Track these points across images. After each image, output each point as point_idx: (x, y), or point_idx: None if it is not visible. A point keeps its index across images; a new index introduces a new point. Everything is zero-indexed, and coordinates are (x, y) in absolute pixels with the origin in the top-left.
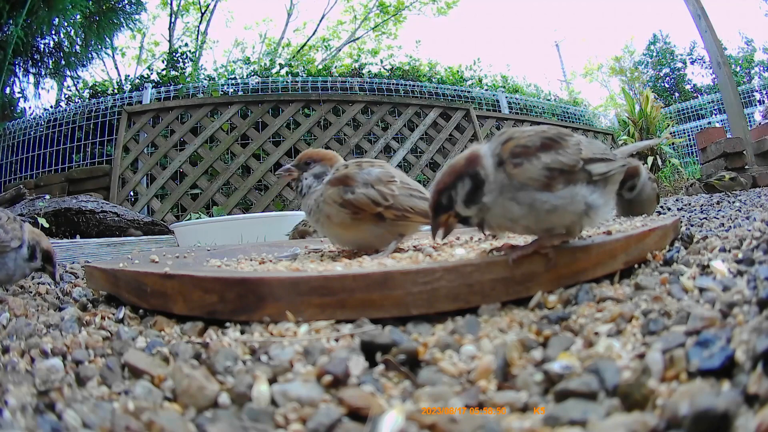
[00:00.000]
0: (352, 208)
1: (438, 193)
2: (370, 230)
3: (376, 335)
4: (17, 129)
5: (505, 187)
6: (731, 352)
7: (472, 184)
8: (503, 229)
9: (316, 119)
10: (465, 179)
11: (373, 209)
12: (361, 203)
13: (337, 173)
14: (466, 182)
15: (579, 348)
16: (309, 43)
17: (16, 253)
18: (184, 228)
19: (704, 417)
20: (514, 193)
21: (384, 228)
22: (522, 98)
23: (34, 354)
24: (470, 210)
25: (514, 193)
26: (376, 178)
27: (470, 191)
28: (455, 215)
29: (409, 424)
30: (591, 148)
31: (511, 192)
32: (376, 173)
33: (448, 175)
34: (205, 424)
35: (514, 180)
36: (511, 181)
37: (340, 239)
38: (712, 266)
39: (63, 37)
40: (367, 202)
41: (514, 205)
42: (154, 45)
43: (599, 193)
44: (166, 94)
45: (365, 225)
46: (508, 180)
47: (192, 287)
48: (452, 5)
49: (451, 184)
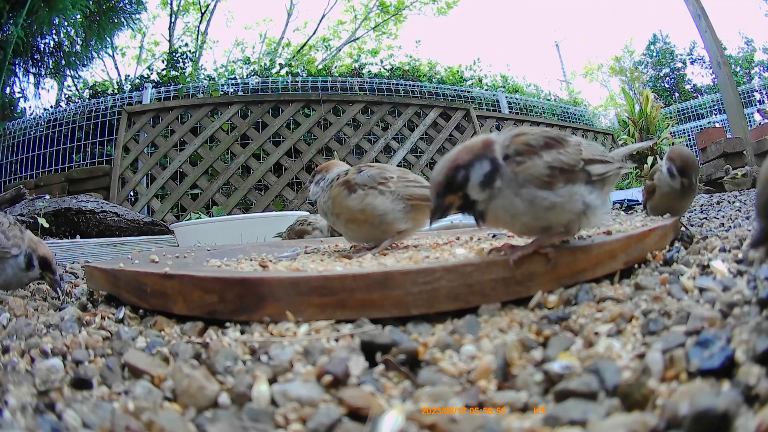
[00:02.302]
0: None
1: (454, 169)
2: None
3: (376, 335)
4: (17, 129)
5: (510, 181)
6: (731, 352)
7: (491, 167)
8: (501, 223)
9: (316, 119)
10: (484, 161)
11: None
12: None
13: (338, 179)
14: (485, 164)
15: (579, 348)
16: (309, 43)
17: (15, 260)
18: (184, 228)
19: (704, 417)
20: (517, 188)
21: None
22: (522, 98)
23: (34, 354)
24: (483, 193)
25: (517, 189)
26: (370, 177)
27: (488, 174)
28: (461, 197)
29: (409, 424)
30: (590, 149)
31: (514, 187)
32: (372, 173)
33: (466, 153)
34: (205, 424)
35: (518, 176)
36: (515, 176)
37: (351, 235)
38: (712, 266)
39: (63, 37)
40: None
41: (517, 200)
42: (154, 45)
43: (597, 194)
44: (166, 94)
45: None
46: (513, 175)
47: (192, 287)
48: (452, 5)
49: (470, 163)
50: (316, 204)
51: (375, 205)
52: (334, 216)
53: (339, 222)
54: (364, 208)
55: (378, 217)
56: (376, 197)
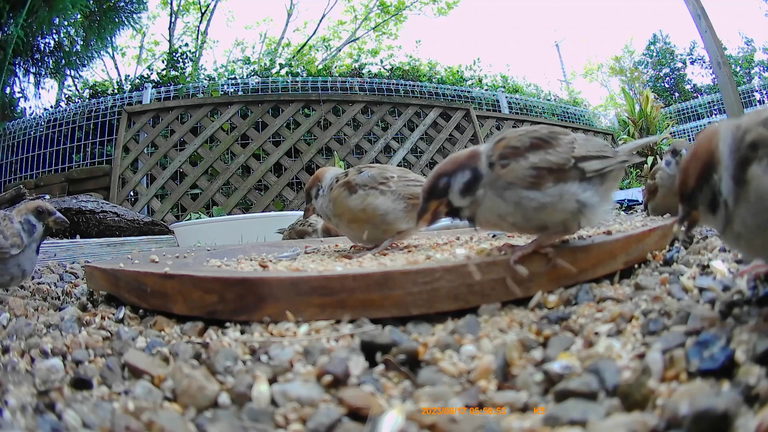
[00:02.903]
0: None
1: (437, 177)
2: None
3: (376, 335)
4: (17, 129)
5: (495, 184)
6: (731, 352)
7: (471, 176)
8: (492, 225)
9: (316, 119)
10: (466, 170)
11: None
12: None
13: (338, 181)
14: (466, 173)
15: (579, 348)
16: (309, 43)
17: (23, 253)
18: (184, 228)
19: (704, 417)
20: (502, 191)
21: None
22: (522, 98)
23: (34, 354)
24: (464, 200)
25: (501, 192)
26: (371, 177)
27: (468, 182)
28: (447, 204)
29: (409, 424)
30: (586, 145)
31: (499, 191)
32: (373, 173)
33: (450, 164)
34: (205, 424)
35: (501, 180)
36: (498, 180)
37: (352, 235)
38: (712, 266)
39: (63, 37)
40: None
41: (502, 203)
42: (154, 45)
43: (594, 191)
44: (166, 94)
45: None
46: (497, 179)
47: (192, 287)
48: (453, 5)
49: (451, 172)
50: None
51: (376, 204)
52: (336, 218)
53: (341, 223)
54: (365, 208)
55: (379, 216)
56: (377, 197)
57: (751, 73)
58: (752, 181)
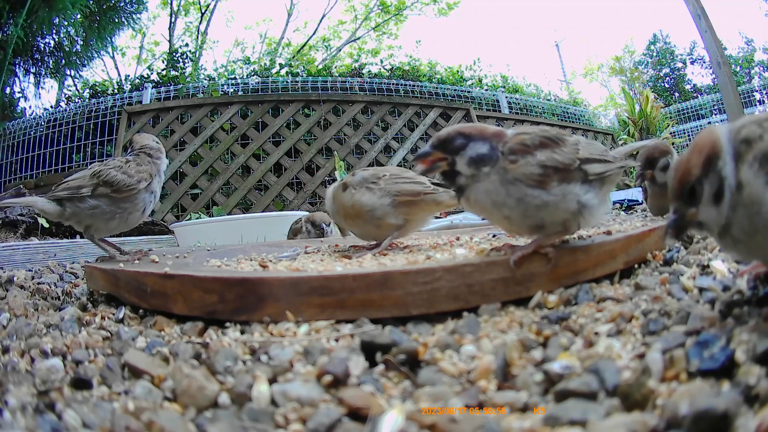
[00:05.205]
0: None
1: (457, 133)
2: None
3: (376, 335)
4: (17, 129)
5: (500, 173)
6: (731, 352)
7: (487, 152)
8: (480, 208)
9: (316, 119)
10: (486, 143)
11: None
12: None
13: (338, 183)
14: (485, 146)
15: (579, 348)
16: (309, 42)
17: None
18: (184, 228)
19: (704, 417)
20: (507, 183)
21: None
22: (522, 98)
23: (34, 354)
24: (467, 169)
25: (506, 183)
26: (363, 178)
27: (481, 155)
28: (449, 163)
29: (409, 424)
30: (589, 148)
31: (503, 180)
32: (366, 174)
33: (475, 130)
34: (205, 424)
35: (509, 172)
36: (506, 172)
37: (352, 231)
38: (712, 266)
39: (63, 37)
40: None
41: (503, 192)
42: (154, 45)
43: (594, 193)
44: (166, 94)
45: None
46: (504, 170)
47: (192, 287)
48: (453, 6)
49: (473, 137)
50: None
51: (363, 201)
52: (338, 215)
53: (342, 219)
54: (353, 204)
55: (368, 212)
56: (364, 194)
57: (751, 73)
58: (746, 186)
